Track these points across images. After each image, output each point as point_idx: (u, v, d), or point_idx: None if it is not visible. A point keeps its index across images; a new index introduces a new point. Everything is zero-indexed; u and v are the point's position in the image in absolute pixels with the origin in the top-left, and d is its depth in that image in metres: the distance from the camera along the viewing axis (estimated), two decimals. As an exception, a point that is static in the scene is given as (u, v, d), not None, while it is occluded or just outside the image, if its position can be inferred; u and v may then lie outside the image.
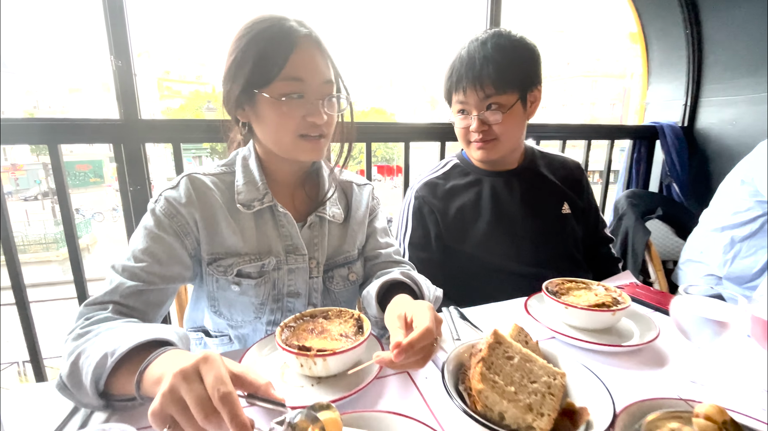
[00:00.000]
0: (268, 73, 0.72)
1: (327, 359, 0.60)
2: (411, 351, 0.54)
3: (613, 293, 0.82)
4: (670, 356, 0.73)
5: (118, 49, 1.13)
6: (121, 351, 0.53)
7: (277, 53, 0.71)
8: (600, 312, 0.75)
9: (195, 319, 0.92)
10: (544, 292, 0.83)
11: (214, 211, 0.78)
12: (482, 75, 1.01)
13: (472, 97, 1.04)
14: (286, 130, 0.76)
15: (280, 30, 0.72)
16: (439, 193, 1.13)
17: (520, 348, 0.50)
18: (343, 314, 0.72)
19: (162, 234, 0.74)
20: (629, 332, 0.79)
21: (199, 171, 0.82)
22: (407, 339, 0.54)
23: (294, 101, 0.74)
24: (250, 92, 0.74)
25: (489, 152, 1.08)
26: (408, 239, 1.13)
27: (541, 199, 1.13)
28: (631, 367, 0.69)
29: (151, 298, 0.71)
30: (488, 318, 0.87)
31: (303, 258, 0.83)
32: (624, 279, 1.09)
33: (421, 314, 0.59)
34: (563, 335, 0.76)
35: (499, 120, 1.03)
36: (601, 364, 0.70)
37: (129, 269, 0.70)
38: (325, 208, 0.87)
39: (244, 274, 0.80)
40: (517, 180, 1.14)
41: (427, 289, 0.81)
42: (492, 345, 0.49)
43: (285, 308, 0.85)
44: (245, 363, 0.67)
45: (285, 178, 0.87)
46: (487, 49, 1.01)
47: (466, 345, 0.58)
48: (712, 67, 2.00)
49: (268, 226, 0.82)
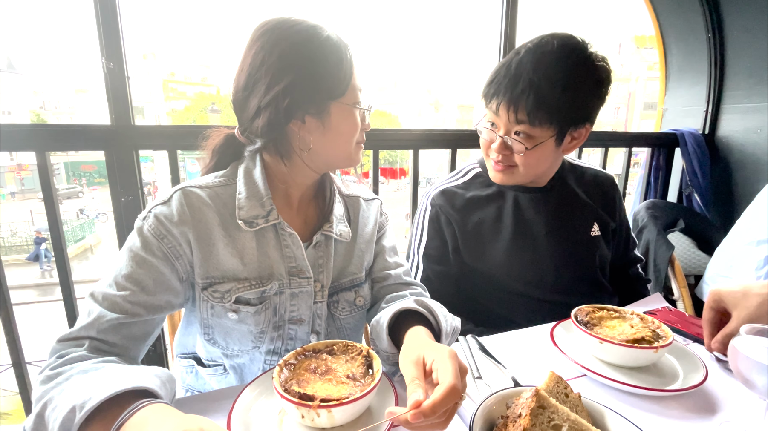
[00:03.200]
0: (341, 82, 0.71)
1: (332, 410, 0.51)
2: (432, 415, 0.45)
3: (650, 324, 0.74)
4: (721, 402, 0.64)
5: (110, 50, 1.05)
6: (91, 405, 0.45)
7: (346, 63, 0.71)
8: (640, 349, 0.67)
9: (186, 344, 0.84)
10: (573, 322, 0.75)
11: (210, 230, 0.69)
12: (520, 100, 0.87)
13: (503, 118, 0.91)
14: (353, 137, 0.76)
15: (334, 42, 0.71)
16: (458, 203, 1.02)
17: (568, 414, 0.42)
18: (350, 349, 0.64)
19: (149, 257, 0.65)
20: (672, 371, 0.70)
21: (195, 184, 0.73)
22: (429, 401, 0.46)
23: (361, 110, 0.76)
24: (321, 102, 0.71)
25: (505, 177, 0.98)
26: (423, 250, 1.03)
27: (569, 218, 1.03)
28: (677, 416, 0.61)
29: (134, 331, 0.63)
30: (511, 350, 0.78)
31: (308, 282, 0.75)
32: (654, 304, 1.01)
33: (444, 366, 0.50)
34: (597, 374, 0.67)
35: (521, 152, 0.91)
36: (641, 411, 0.62)
37: (110, 298, 0.61)
38: (331, 225, 0.79)
39: (243, 301, 0.71)
40: (544, 196, 1.03)
41: (444, 319, 0.71)
42: (534, 410, 0.41)
43: (286, 336, 0.77)
44: (238, 407, 0.59)
45: (293, 192, 0.79)
46: (538, 71, 0.85)
47: (496, 398, 0.49)
48: (735, 73, 1.91)
49: (270, 246, 0.73)
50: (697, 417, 0.61)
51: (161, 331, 1.27)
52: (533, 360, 0.76)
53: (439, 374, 0.50)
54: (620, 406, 0.62)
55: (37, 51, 46.55)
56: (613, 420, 0.48)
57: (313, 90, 0.69)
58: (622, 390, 0.65)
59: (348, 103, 0.72)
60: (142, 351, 0.66)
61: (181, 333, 0.85)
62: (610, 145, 1.82)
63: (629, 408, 0.62)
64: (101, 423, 0.46)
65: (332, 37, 0.71)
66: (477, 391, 0.64)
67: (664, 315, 0.93)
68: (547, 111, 0.87)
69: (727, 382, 0.69)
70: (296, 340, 0.77)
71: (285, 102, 0.67)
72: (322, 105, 0.71)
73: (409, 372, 0.53)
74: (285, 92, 0.67)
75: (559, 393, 0.49)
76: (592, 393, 0.65)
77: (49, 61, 43.07)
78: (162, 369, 0.55)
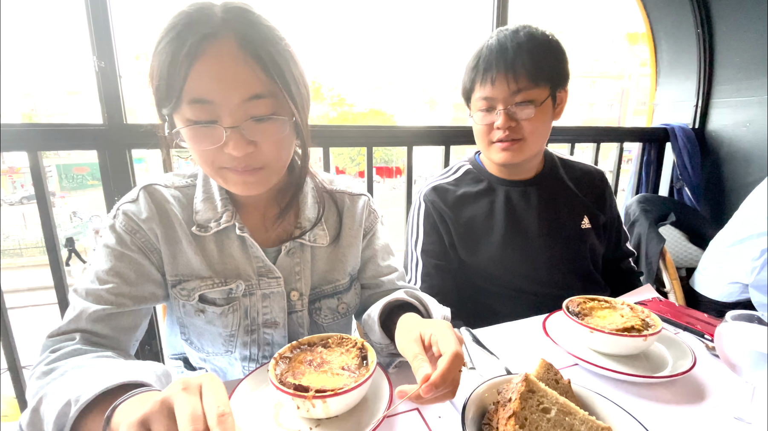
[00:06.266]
0: (172, 91, 0.56)
1: (327, 401, 0.52)
2: (442, 385, 0.46)
3: (640, 314, 0.75)
4: (709, 387, 0.65)
5: (101, 48, 1.05)
6: (86, 399, 0.45)
7: (174, 64, 0.55)
8: (630, 338, 0.68)
9: (174, 345, 0.83)
10: (564, 313, 0.76)
11: (174, 228, 0.68)
12: (516, 63, 0.90)
13: (501, 90, 0.92)
14: (204, 161, 0.61)
15: (186, 25, 0.55)
16: (450, 199, 1.03)
17: (557, 397, 0.43)
18: (345, 342, 0.65)
19: (126, 251, 0.65)
20: (661, 359, 0.72)
21: (161, 182, 0.71)
22: (437, 372, 0.46)
23: (200, 130, 0.57)
24: (160, 109, 0.60)
25: (514, 154, 0.97)
26: (421, 246, 1.04)
27: (559, 211, 1.04)
28: (666, 401, 0.62)
29: (123, 323, 0.63)
30: (503, 341, 0.79)
31: (278, 282, 0.71)
32: (645, 294, 1.02)
33: (444, 336, 0.51)
34: (589, 363, 0.68)
35: (531, 115, 0.92)
36: (632, 396, 0.63)
37: (94, 293, 0.61)
38: (304, 231, 0.74)
39: (208, 300, 0.69)
40: (534, 190, 1.04)
41: (434, 309, 0.71)
42: (524, 394, 0.42)
43: (262, 341, 0.73)
44: (234, 400, 0.59)
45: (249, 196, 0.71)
46: (520, 37, 0.91)
47: (488, 385, 0.50)
48: (725, 68, 1.93)
49: (234, 247, 0.70)
50: (686, 402, 0.62)
51: (157, 332, 1.28)
52: (526, 350, 0.77)
53: (440, 345, 0.51)
54: (611, 393, 0.63)
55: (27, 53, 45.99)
56: (603, 405, 0.49)
57: (154, 93, 0.59)
58: (613, 378, 0.67)
59: (181, 120, 0.58)
60: (133, 342, 0.66)
61: (167, 333, 0.84)
62: (602, 140, 1.84)
63: (620, 395, 0.63)
64: (96, 415, 0.46)
65: (191, 19, 0.55)
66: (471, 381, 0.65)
67: (655, 305, 0.94)
68: (543, 68, 0.92)
69: (715, 369, 0.70)
70: (273, 346, 0.74)
71: (154, 101, 0.60)
72: (161, 112, 0.60)
73: (410, 350, 0.54)
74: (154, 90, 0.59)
75: (549, 380, 0.50)
76: (584, 382, 0.66)
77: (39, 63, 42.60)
78: (158, 364, 0.55)
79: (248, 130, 0.58)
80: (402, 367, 0.70)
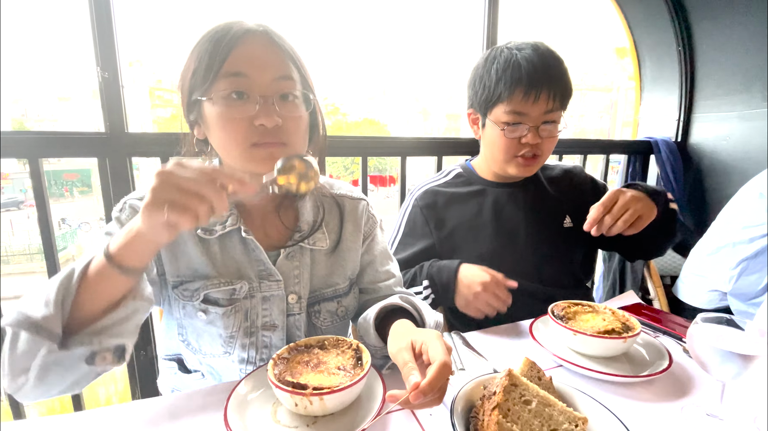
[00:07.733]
0: (210, 71, 0.63)
1: (324, 398, 0.55)
2: (430, 392, 0.49)
3: (621, 318, 0.79)
4: (685, 386, 0.69)
5: (105, 59, 1.08)
6: (82, 265, 0.53)
7: (216, 50, 0.63)
8: (610, 340, 0.72)
9: (169, 347, 0.84)
10: (550, 316, 0.80)
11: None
12: (560, 83, 0.94)
13: (539, 107, 0.93)
14: (233, 138, 0.65)
15: (226, 28, 0.64)
16: (440, 201, 1.09)
17: (537, 391, 0.46)
18: (341, 344, 0.67)
19: None
20: (641, 360, 0.76)
21: None
22: (426, 380, 0.49)
23: (234, 101, 0.64)
24: (196, 101, 0.66)
25: (530, 170, 1.02)
26: (396, 244, 1.10)
27: (543, 213, 1.09)
28: (645, 399, 0.66)
29: None
30: (492, 344, 0.83)
31: (278, 285, 0.74)
32: (627, 300, 1.06)
33: (433, 346, 0.54)
34: (571, 363, 0.72)
35: (554, 133, 0.97)
36: (613, 395, 0.66)
37: None
38: (303, 234, 0.77)
39: (211, 300, 0.71)
40: (521, 192, 1.09)
41: (427, 314, 0.75)
42: (507, 388, 0.45)
43: (260, 344, 0.75)
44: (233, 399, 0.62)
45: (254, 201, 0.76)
46: (555, 56, 0.94)
47: (475, 382, 0.53)
48: (705, 83, 2.01)
49: (237, 250, 0.73)
50: (664, 400, 0.66)
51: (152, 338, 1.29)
52: (513, 352, 0.80)
53: (430, 354, 0.53)
54: (593, 392, 0.66)
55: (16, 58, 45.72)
56: (581, 400, 0.53)
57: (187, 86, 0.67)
58: (595, 378, 0.70)
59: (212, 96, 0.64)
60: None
61: (162, 334, 0.84)
62: (589, 152, 1.90)
63: (602, 394, 0.66)
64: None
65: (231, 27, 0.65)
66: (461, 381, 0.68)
67: (637, 309, 0.98)
68: (571, 90, 0.97)
69: (690, 369, 0.74)
70: (271, 348, 0.75)
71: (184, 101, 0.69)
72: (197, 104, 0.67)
73: (402, 357, 0.56)
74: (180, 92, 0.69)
75: (532, 377, 0.54)
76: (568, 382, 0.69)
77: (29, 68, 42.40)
78: None
79: (276, 104, 0.65)
80: (394, 369, 0.72)
